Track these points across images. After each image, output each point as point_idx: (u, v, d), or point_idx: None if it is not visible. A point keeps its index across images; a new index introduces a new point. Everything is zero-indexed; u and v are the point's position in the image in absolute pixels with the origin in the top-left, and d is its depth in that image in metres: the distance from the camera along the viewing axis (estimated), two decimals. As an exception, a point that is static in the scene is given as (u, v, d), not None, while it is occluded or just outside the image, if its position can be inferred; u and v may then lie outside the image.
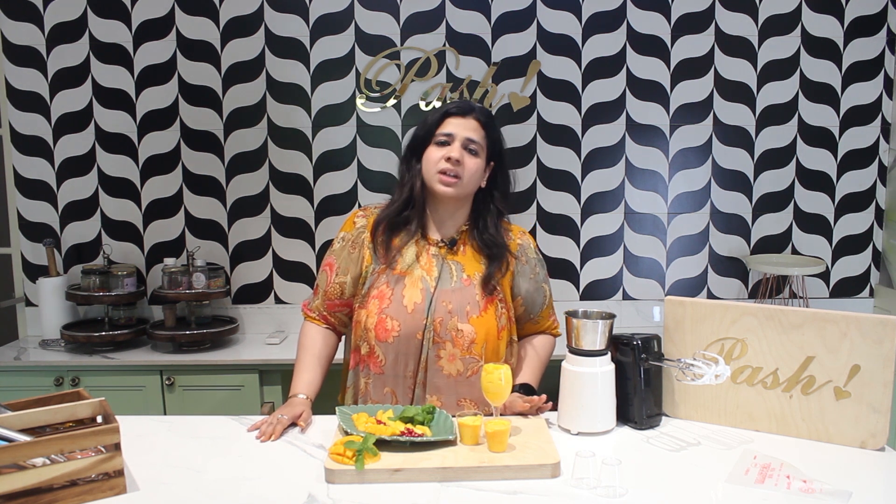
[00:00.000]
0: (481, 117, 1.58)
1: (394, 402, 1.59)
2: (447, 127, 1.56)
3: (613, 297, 2.94)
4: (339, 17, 2.79)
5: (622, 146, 2.88)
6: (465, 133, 1.56)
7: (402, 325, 1.55)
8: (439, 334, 1.55)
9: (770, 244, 2.96)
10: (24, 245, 2.88)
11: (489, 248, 1.60)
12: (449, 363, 1.56)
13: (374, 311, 1.57)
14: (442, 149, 1.55)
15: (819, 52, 2.86)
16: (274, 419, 1.48)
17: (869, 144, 2.92)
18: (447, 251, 1.61)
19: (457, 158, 1.54)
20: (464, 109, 1.57)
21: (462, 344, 1.55)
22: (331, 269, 1.67)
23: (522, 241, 1.68)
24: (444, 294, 1.56)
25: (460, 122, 1.57)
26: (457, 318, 1.55)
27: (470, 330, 1.55)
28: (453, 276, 1.59)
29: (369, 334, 1.58)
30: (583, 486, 1.22)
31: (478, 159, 1.57)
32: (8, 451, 1.12)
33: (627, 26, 2.83)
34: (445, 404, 1.57)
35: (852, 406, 1.42)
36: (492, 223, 1.62)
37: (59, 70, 2.80)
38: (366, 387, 1.61)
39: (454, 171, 1.54)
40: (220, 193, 2.87)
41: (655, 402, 1.53)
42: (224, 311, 2.88)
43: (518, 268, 1.66)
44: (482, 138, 1.57)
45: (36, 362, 2.51)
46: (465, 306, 1.56)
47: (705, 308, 1.55)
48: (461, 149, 1.55)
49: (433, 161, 1.56)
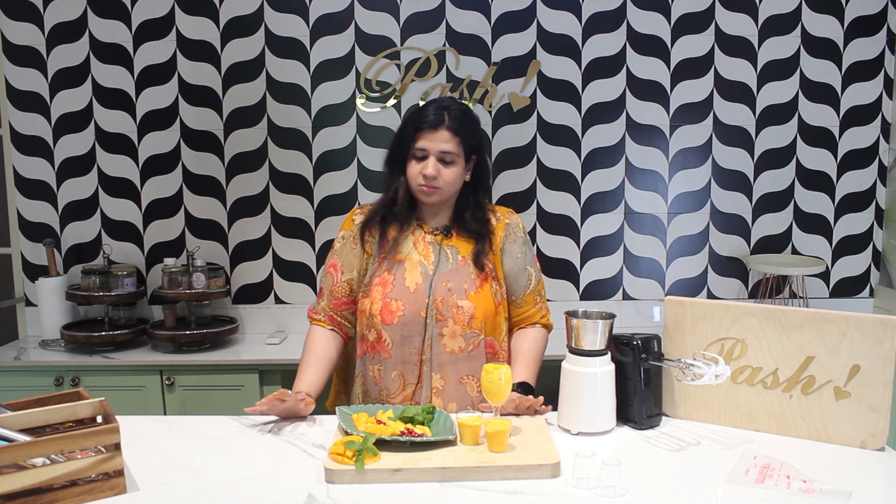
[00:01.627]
0: (452, 125, 1.61)
1: (401, 385, 1.63)
2: (420, 142, 1.62)
3: (613, 297, 2.94)
4: (339, 17, 2.79)
5: (622, 146, 2.88)
6: (438, 147, 1.61)
7: (406, 305, 1.61)
8: (441, 312, 1.62)
9: (770, 244, 2.96)
10: (24, 245, 2.88)
11: (472, 233, 1.69)
12: (451, 340, 1.62)
13: (377, 297, 1.63)
14: (420, 163, 1.62)
15: (819, 52, 2.86)
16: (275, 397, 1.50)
17: (869, 144, 2.92)
18: (442, 237, 1.69)
19: (433, 175, 1.61)
20: (434, 123, 1.61)
21: (462, 320, 1.62)
22: (335, 269, 1.72)
23: (510, 221, 1.75)
24: (443, 275, 1.64)
25: (432, 135, 1.61)
26: (456, 296, 1.62)
27: (469, 306, 1.62)
28: (449, 259, 1.66)
29: (375, 320, 1.63)
30: (583, 486, 1.22)
31: (454, 167, 1.63)
32: (8, 451, 1.12)
33: (627, 26, 2.83)
34: (448, 382, 1.62)
35: (852, 406, 1.41)
36: (470, 217, 1.70)
37: (59, 70, 2.80)
38: (378, 373, 1.65)
39: (432, 184, 1.62)
40: (220, 193, 2.87)
41: (655, 402, 1.53)
42: (224, 311, 2.88)
43: (506, 246, 1.72)
44: (456, 146, 1.62)
45: (36, 362, 2.51)
46: (463, 284, 1.64)
47: (705, 308, 1.55)
48: (436, 163, 1.61)
49: (413, 176, 1.64)
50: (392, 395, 1.65)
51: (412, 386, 1.63)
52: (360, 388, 1.71)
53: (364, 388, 1.70)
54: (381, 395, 1.66)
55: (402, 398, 1.64)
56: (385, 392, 1.65)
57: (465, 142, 1.63)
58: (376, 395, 1.67)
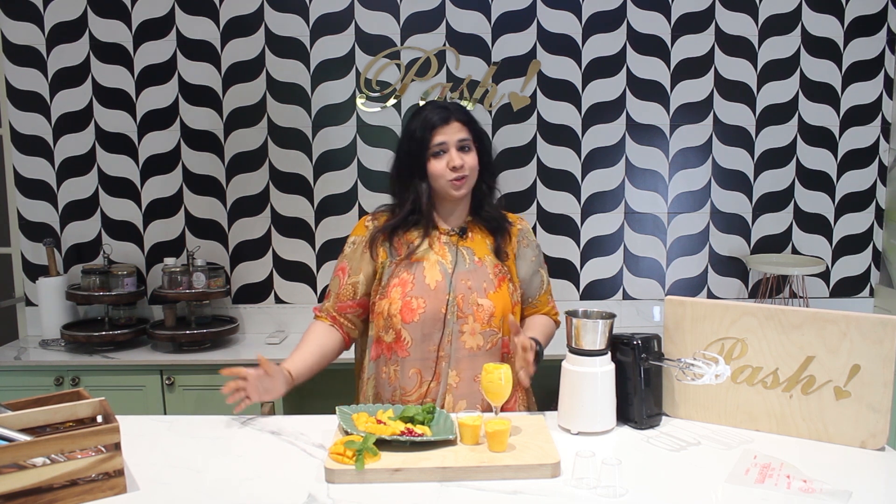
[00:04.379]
0: (460, 116, 1.68)
1: (418, 381, 1.63)
2: (437, 138, 1.65)
3: (613, 297, 2.94)
4: (339, 17, 2.79)
5: (622, 146, 2.88)
6: (455, 136, 1.66)
7: (427, 302, 1.63)
8: (462, 309, 1.63)
9: (770, 244, 2.96)
10: (24, 245, 2.88)
11: (490, 222, 1.73)
12: (471, 337, 1.63)
13: (397, 297, 1.64)
14: (441, 159, 1.65)
15: (819, 52, 2.86)
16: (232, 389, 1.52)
17: (869, 144, 2.92)
18: (458, 239, 1.71)
19: (460, 164, 1.64)
20: (444, 118, 1.66)
21: (482, 318, 1.64)
22: (343, 272, 1.74)
23: (522, 227, 1.81)
24: (462, 274, 1.66)
25: (447, 129, 1.66)
26: (476, 294, 1.65)
27: (489, 304, 1.65)
28: (466, 260, 1.69)
29: (394, 320, 1.64)
30: (583, 486, 1.22)
31: (473, 153, 1.68)
32: (8, 450, 1.12)
33: (627, 26, 2.83)
34: (462, 380, 1.63)
35: (852, 406, 1.42)
36: (487, 202, 1.74)
37: (59, 70, 2.80)
38: (394, 373, 1.65)
39: (461, 174, 1.65)
40: (220, 193, 2.87)
41: (655, 402, 1.53)
42: (224, 311, 2.88)
43: (520, 251, 1.77)
44: (468, 133, 1.68)
45: (36, 362, 2.51)
46: (482, 283, 1.66)
47: (705, 308, 1.55)
48: (457, 152, 1.65)
49: (440, 172, 1.65)
50: (408, 393, 1.63)
51: (428, 382, 1.63)
52: (372, 391, 1.70)
53: (376, 391, 1.69)
54: (395, 395, 1.65)
55: (417, 396, 1.63)
56: (400, 391, 1.64)
57: (473, 131, 1.69)
58: (388, 396, 1.66)
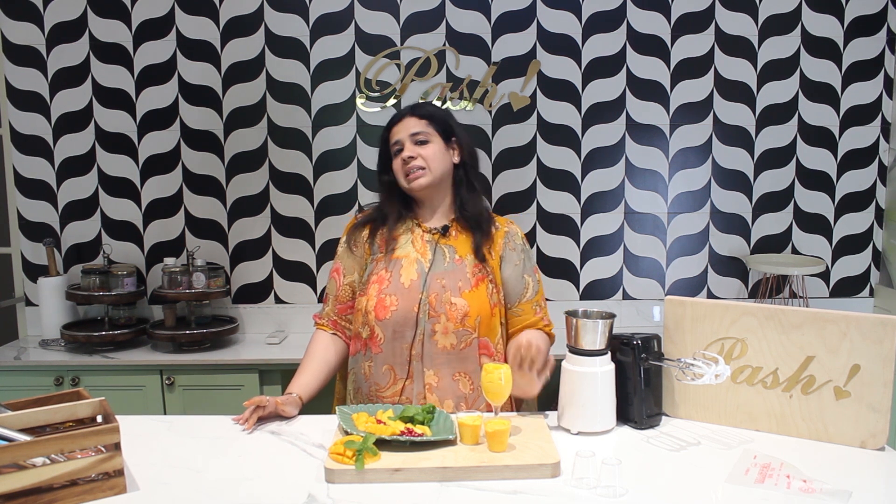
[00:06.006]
0: (417, 112, 1.72)
1: (392, 378, 1.63)
2: (393, 136, 1.71)
3: (613, 297, 2.94)
4: (339, 17, 2.79)
5: (622, 146, 2.88)
6: (408, 131, 1.70)
7: (399, 300, 1.63)
8: (434, 308, 1.63)
9: (770, 244, 2.96)
10: (24, 245, 2.88)
11: (470, 220, 1.72)
12: (443, 336, 1.62)
13: (373, 294, 1.66)
14: (399, 155, 1.70)
15: (819, 52, 2.86)
16: (254, 405, 1.54)
17: (869, 144, 2.92)
18: (440, 237, 1.72)
19: (410, 156, 1.67)
20: (400, 115, 1.74)
21: (455, 317, 1.62)
22: (338, 273, 1.77)
23: (510, 230, 1.78)
24: (438, 273, 1.66)
25: (400, 126, 1.71)
26: (450, 293, 1.64)
27: (463, 303, 1.63)
28: (446, 258, 1.69)
29: (369, 316, 1.65)
30: (583, 485, 1.22)
31: (431, 144, 1.70)
32: (8, 450, 1.12)
33: (627, 26, 2.83)
34: (442, 379, 1.62)
35: (852, 406, 1.42)
36: (468, 197, 1.73)
37: (59, 70, 2.80)
38: (368, 369, 1.66)
39: (414, 165, 1.67)
40: (220, 193, 2.87)
41: (655, 402, 1.53)
42: (224, 311, 2.88)
43: (506, 253, 1.74)
44: (426, 126, 1.71)
45: (36, 362, 2.51)
46: (458, 283, 1.65)
47: (705, 308, 1.55)
48: (412, 146, 1.68)
49: (397, 169, 1.70)
50: (382, 388, 1.64)
51: (402, 381, 1.63)
52: (352, 385, 1.72)
53: (356, 385, 1.70)
54: (371, 390, 1.66)
55: (391, 392, 1.64)
56: (375, 386, 1.65)
57: (435, 123, 1.71)
58: (367, 391, 1.67)
